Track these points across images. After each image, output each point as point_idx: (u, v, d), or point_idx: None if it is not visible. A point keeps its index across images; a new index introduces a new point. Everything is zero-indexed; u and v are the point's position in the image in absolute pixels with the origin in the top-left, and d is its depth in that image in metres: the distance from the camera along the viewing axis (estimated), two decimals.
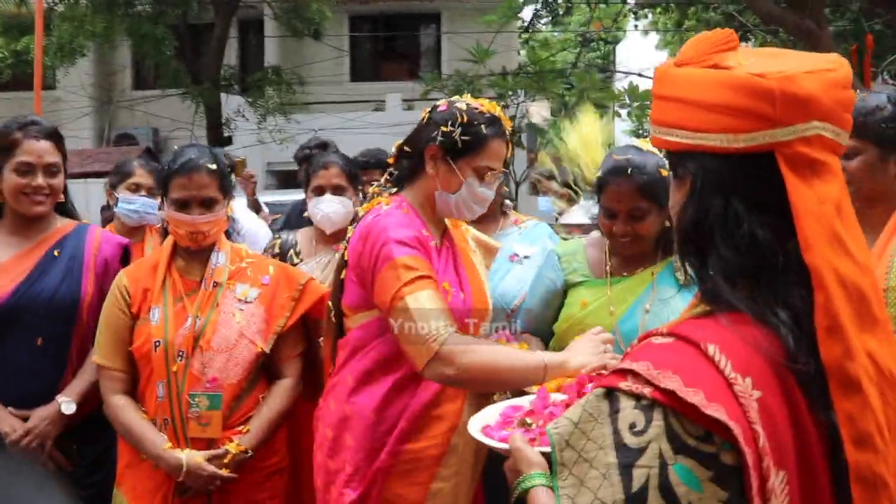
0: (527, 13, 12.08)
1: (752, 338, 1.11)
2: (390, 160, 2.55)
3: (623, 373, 1.12)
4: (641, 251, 2.64)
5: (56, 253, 2.85)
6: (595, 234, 2.89)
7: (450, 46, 18.22)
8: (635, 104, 9.89)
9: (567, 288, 2.76)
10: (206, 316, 2.64)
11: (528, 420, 1.85)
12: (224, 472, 2.56)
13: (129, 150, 16.99)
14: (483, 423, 1.90)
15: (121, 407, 2.63)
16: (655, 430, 1.07)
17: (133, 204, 3.83)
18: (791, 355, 1.10)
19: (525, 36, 17.23)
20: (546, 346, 2.68)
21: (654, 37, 22.76)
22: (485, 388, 2.28)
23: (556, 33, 17.40)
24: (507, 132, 2.45)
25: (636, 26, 19.06)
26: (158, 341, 2.59)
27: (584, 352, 2.10)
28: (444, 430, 2.33)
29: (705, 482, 1.05)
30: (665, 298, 2.60)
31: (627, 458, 1.07)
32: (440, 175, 2.38)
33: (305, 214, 3.47)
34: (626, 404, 1.10)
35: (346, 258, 2.41)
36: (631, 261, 2.68)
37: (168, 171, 2.66)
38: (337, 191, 3.38)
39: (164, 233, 2.80)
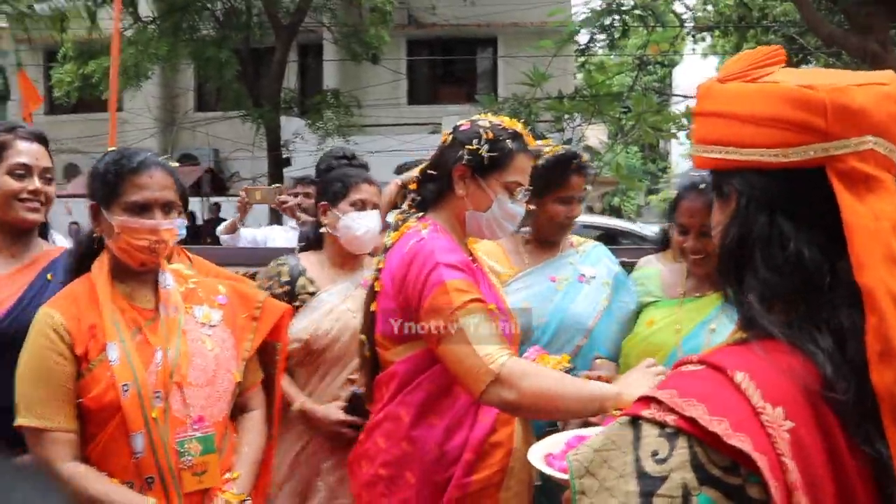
0: (583, 37, 12.08)
1: (786, 365, 1.04)
2: (412, 185, 2.49)
3: (647, 400, 1.06)
4: (714, 271, 2.66)
5: (49, 277, 2.51)
6: (670, 260, 2.94)
7: (506, 70, 18.31)
8: (693, 127, 9.79)
9: (640, 309, 2.84)
10: (174, 347, 2.18)
11: None
12: None
13: (192, 170, 17.40)
14: (546, 452, 1.88)
15: (83, 476, 2.07)
16: (679, 458, 1.01)
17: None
18: (828, 384, 1.03)
19: (581, 59, 17.23)
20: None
21: (713, 59, 22.57)
22: (542, 415, 2.26)
23: (612, 56, 17.34)
24: (531, 147, 2.40)
25: (693, 50, 18.95)
26: (127, 384, 2.08)
27: (637, 385, 2.00)
28: (502, 456, 2.31)
29: None
30: (733, 319, 2.59)
31: (649, 486, 1.01)
32: (470, 194, 2.34)
33: (324, 230, 3.08)
34: (649, 432, 1.04)
35: (375, 288, 2.36)
36: (705, 283, 2.72)
37: (117, 171, 2.17)
38: (374, 209, 3.09)
39: (83, 256, 2.29)
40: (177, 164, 2.32)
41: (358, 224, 2.99)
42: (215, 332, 2.29)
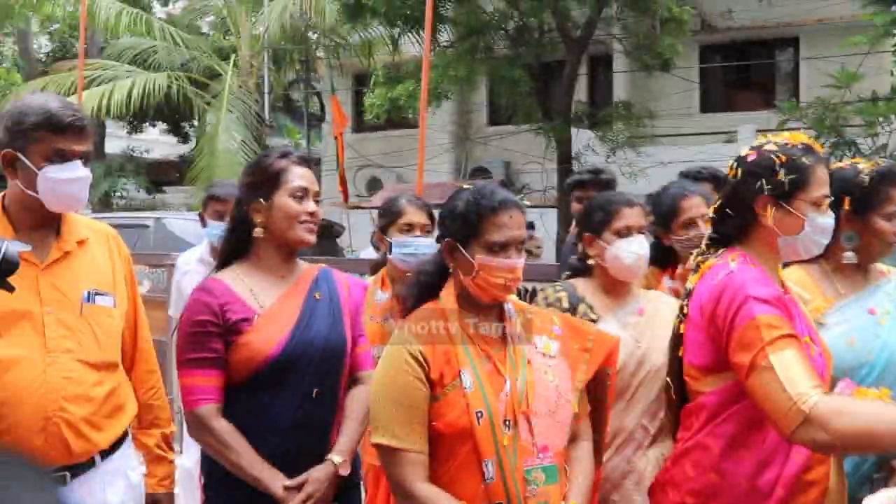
0: None
1: None
2: (706, 223, 2.49)
3: None
4: None
5: (317, 296, 2.64)
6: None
7: (809, 72, 17.15)
8: None
9: None
10: (521, 376, 2.27)
11: None
12: None
13: (485, 182, 18.09)
14: None
15: (434, 497, 2.16)
16: None
17: (408, 247, 3.45)
18: None
19: None
20: None
21: None
22: (861, 452, 2.19)
23: None
24: (824, 156, 2.38)
25: None
26: (480, 411, 2.18)
27: None
28: (816, 495, 2.22)
29: None
30: None
31: None
32: (779, 222, 2.30)
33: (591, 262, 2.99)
34: None
35: (684, 311, 2.39)
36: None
37: (478, 211, 2.25)
38: (639, 233, 3.00)
39: (437, 282, 2.36)
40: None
41: (626, 253, 2.90)
42: (554, 363, 2.35)
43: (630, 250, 2.90)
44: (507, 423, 2.20)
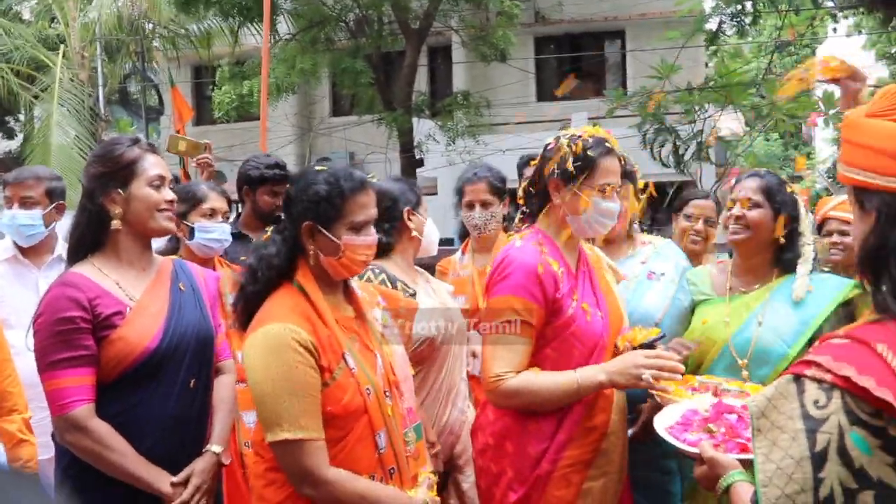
0: (713, 24, 11.84)
1: None
2: (519, 200, 2.86)
3: (808, 363, 1.39)
4: (757, 264, 2.93)
5: (181, 286, 2.60)
6: (721, 260, 3.22)
7: (635, 63, 18.12)
8: (832, 112, 9.50)
9: (694, 307, 3.06)
10: (382, 349, 2.42)
11: (712, 427, 2.15)
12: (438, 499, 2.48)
13: (335, 163, 18.05)
14: (666, 424, 2.23)
15: (345, 479, 2.19)
16: (835, 405, 1.33)
17: (212, 232, 3.45)
18: None
19: (713, 48, 16.88)
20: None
21: (860, 37, 21.57)
22: (529, 407, 2.61)
23: (745, 44, 16.90)
24: (615, 148, 2.72)
25: (835, 29, 18.19)
26: (369, 388, 2.26)
27: (614, 371, 2.51)
28: (595, 438, 2.63)
29: (875, 449, 1.30)
30: (778, 312, 2.80)
31: (812, 425, 1.34)
32: (566, 202, 2.68)
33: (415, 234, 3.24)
34: (810, 386, 1.37)
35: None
36: (750, 278, 2.94)
37: (341, 192, 2.27)
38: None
39: (289, 267, 2.33)
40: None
41: (434, 230, 3.32)
42: (389, 332, 2.52)
43: (434, 228, 3.32)
44: (388, 394, 2.34)
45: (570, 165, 2.64)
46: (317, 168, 2.35)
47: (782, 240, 2.85)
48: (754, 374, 2.76)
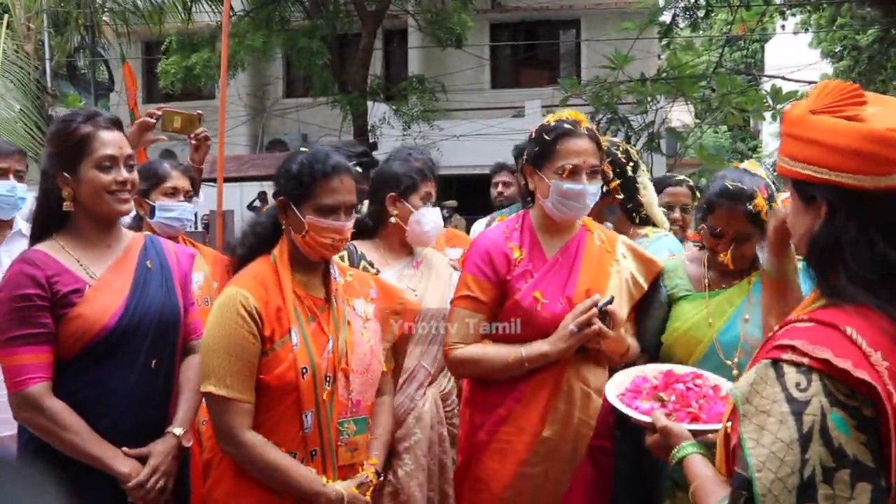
0: (667, 17, 12.02)
1: (876, 322, 1.42)
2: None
3: (783, 348, 1.42)
4: (742, 268, 2.78)
5: (148, 264, 2.53)
6: (694, 249, 3.11)
7: (589, 53, 18.27)
8: (779, 106, 9.70)
9: (671, 302, 2.89)
10: (342, 336, 2.42)
11: (664, 395, 2.17)
12: (368, 499, 2.46)
13: (281, 155, 17.93)
14: (617, 390, 2.26)
15: (261, 444, 2.29)
16: (815, 388, 1.36)
17: (173, 211, 3.42)
18: None
19: (665, 41, 17.08)
20: (655, 359, 2.82)
21: (806, 34, 22.02)
22: (478, 377, 2.78)
23: (697, 37, 17.15)
24: (582, 130, 2.69)
25: (783, 26, 18.56)
26: (305, 367, 2.31)
27: (555, 339, 2.61)
28: (535, 422, 2.65)
29: (851, 429, 1.34)
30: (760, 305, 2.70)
31: (797, 407, 1.37)
32: (538, 187, 2.74)
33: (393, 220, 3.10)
34: (789, 370, 1.39)
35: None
36: (728, 274, 2.80)
37: (311, 174, 2.35)
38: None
39: (266, 240, 2.47)
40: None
41: (426, 220, 3.07)
42: (370, 325, 2.52)
43: (430, 218, 3.08)
44: (328, 378, 2.35)
45: (531, 149, 2.74)
46: (304, 148, 2.45)
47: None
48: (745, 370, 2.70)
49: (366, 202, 3.33)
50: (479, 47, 19.08)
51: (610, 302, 2.61)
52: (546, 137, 2.70)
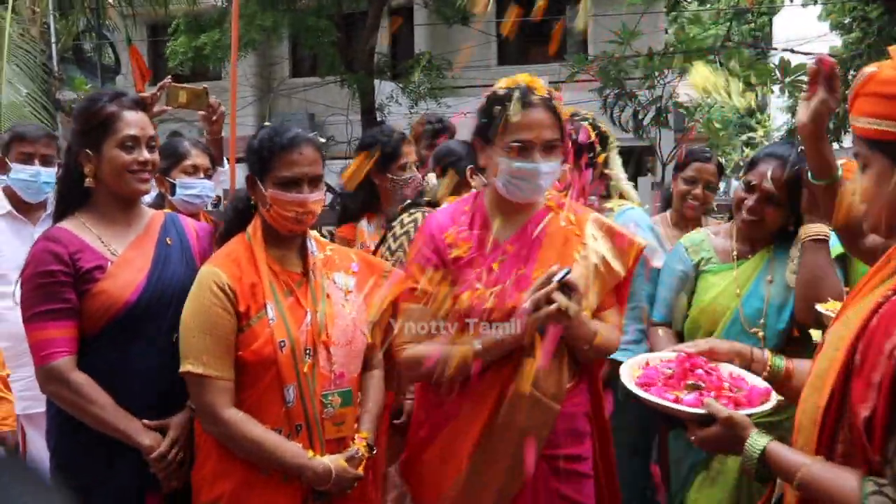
0: None
1: None
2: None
3: None
4: (762, 236, 2.82)
5: (168, 241, 2.58)
6: (718, 224, 3.12)
7: (596, 28, 18.16)
8: (788, 79, 9.65)
9: (697, 275, 2.93)
10: (321, 309, 2.41)
11: (701, 384, 1.88)
12: (360, 472, 2.42)
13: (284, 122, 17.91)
14: (634, 379, 1.94)
15: (242, 421, 2.29)
16: None
17: (194, 188, 3.49)
18: None
19: (673, 14, 16.98)
20: (680, 335, 2.84)
21: (815, 6, 21.80)
22: (427, 378, 2.46)
23: (705, 10, 17.01)
24: (536, 98, 2.34)
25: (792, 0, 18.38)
26: (283, 341, 2.32)
27: (493, 334, 2.32)
28: (478, 427, 2.40)
29: None
30: (787, 267, 2.76)
31: None
32: (488, 164, 2.44)
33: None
34: None
35: None
36: (754, 243, 2.85)
37: (270, 148, 2.37)
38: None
39: (241, 217, 2.50)
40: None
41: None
42: (351, 297, 2.51)
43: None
44: (308, 351, 2.34)
45: (480, 122, 2.42)
46: (267, 124, 2.48)
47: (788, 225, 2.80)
48: (771, 330, 2.74)
49: (430, 175, 3.43)
50: (486, 24, 18.96)
51: (568, 273, 2.27)
52: (495, 109, 2.35)
